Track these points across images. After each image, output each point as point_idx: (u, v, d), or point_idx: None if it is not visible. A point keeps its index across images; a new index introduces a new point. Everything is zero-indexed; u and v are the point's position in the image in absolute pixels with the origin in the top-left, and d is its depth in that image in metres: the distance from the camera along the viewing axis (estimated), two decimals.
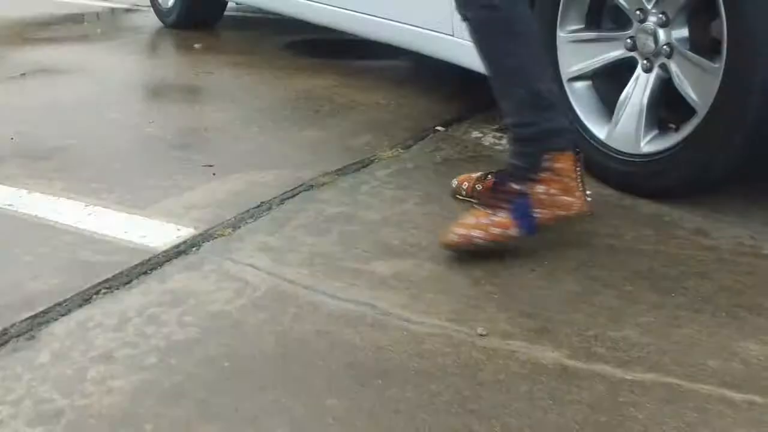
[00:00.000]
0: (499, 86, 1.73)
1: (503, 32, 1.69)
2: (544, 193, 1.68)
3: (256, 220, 1.83)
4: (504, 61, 1.71)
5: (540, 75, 1.71)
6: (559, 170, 1.69)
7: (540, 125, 1.70)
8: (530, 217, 1.67)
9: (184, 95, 2.96)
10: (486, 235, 1.66)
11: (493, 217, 1.67)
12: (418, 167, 2.17)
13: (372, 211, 1.88)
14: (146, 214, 1.86)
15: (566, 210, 1.70)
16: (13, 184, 2.04)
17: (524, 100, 1.70)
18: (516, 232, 1.67)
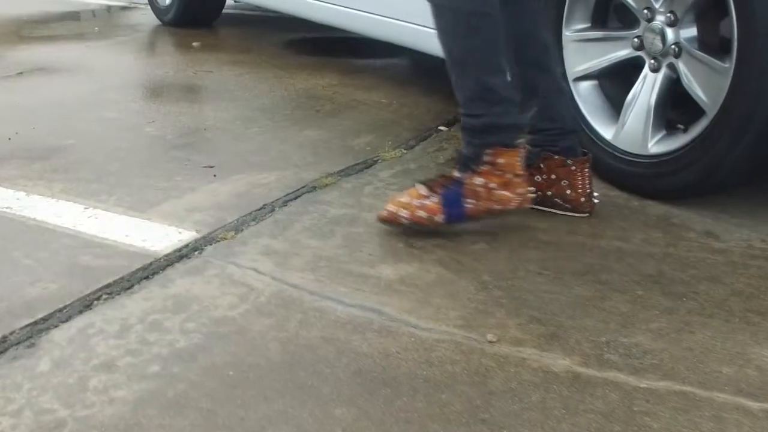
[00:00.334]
0: (454, 75, 1.74)
1: (462, 23, 1.70)
2: (481, 185, 1.72)
3: (259, 222, 1.80)
4: (459, 52, 1.72)
5: (495, 69, 1.71)
6: (500, 165, 1.71)
7: (487, 119, 1.71)
8: (459, 207, 1.72)
9: (183, 94, 2.93)
10: (411, 216, 1.72)
11: (424, 201, 1.72)
12: (422, 168, 2.14)
13: (376, 213, 1.85)
14: (147, 217, 1.83)
15: (503, 204, 1.73)
16: (12, 186, 2.01)
17: (475, 93, 1.72)
18: (441, 219, 1.72)
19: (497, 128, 1.72)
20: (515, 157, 1.73)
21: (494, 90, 1.71)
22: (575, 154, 1.85)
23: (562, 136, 1.85)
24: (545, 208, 1.87)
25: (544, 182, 1.86)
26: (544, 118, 1.84)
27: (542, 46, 1.84)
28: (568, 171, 1.84)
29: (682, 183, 1.88)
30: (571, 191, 1.85)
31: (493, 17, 1.71)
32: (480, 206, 1.73)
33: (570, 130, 1.86)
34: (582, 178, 1.85)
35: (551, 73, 1.84)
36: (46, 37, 4.00)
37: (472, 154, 1.73)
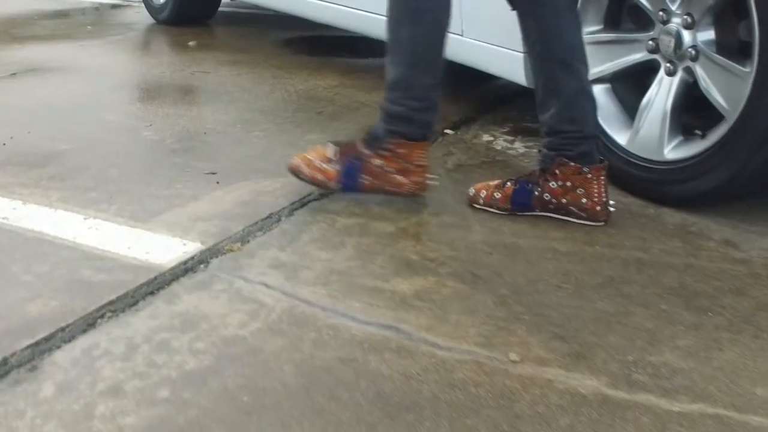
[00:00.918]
0: (389, 58, 1.83)
1: (407, 17, 1.77)
2: (379, 167, 1.83)
3: (266, 233, 1.74)
4: (397, 41, 1.80)
5: (425, 68, 1.79)
6: (401, 154, 1.83)
7: (403, 110, 1.80)
8: (355, 180, 1.85)
9: (181, 96, 2.87)
10: (310, 174, 1.87)
11: (326, 164, 1.86)
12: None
13: (386, 223, 1.79)
14: (149, 228, 1.76)
15: (395, 188, 1.86)
16: (8, 195, 1.94)
17: (399, 81, 1.80)
18: (335, 185, 1.87)
19: (409, 121, 1.82)
20: (418, 150, 1.84)
21: (418, 87, 1.80)
22: (592, 161, 1.80)
23: (581, 140, 1.79)
24: (560, 215, 1.82)
25: (559, 189, 1.81)
26: (563, 119, 1.80)
27: (567, 45, 1.78)
28: (584, 179, 1.79)
29: (700, 190, 1.83)
30: (586, 200, 1.80)
31: (438, 19, 1.78)
32: (374, 184, 1.86)
33: (589, 135, 1.80)
34: (598, 187, 1.80)
35: (576, 74, 1.78)
36: (39, 36, 3.92)
37: (379, 135, 1.84)
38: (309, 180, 1.88)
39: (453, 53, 2.50)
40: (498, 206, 1.85)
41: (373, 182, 1.85)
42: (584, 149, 1.81)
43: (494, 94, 2.93)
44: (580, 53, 1.80)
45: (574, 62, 1.79)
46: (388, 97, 1.83)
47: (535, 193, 1.83)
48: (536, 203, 1.83)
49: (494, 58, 2.31)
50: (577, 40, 1.81)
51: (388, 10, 1.80)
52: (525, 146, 2.31)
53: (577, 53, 1.80)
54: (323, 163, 1.87)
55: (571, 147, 1.80)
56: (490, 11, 2.31)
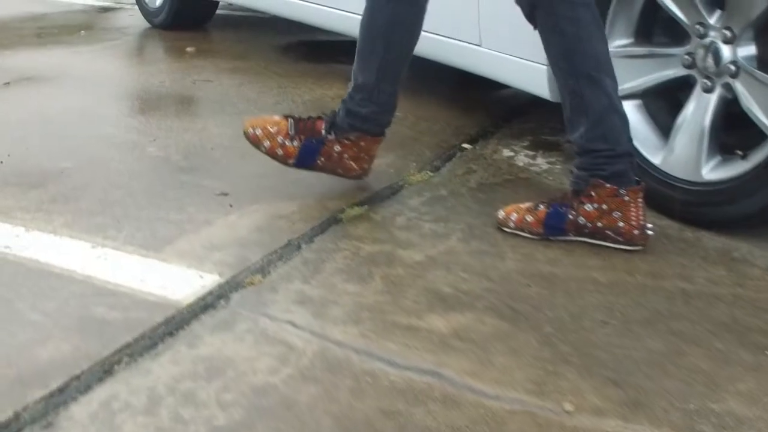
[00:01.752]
0: (357, 62, 1.93)
1: (379, 35, 1.87)
2: (338, 153, 1.94)
3: (287, 263, 1.64)
4: (367, 52, 1.90)
5: (390, 78, 1.90)
6: (362, 147, 1.94)
7: (366, 110, 1.92)
8: (312, 159, 1.94)
9: (183, 107, 2.75)
10: (270, 149, 1.95)
11: (286, 141, 1.94)
12: (453, 194, 1.99)
13: (413, 250, 1.70)
14: (162, 258, 1.66)
15: (346, 172, 1.97)
16: (8, 220, 1.83)
17: (364, 86, 1.91)
18: (293, 162, 1.95)
19: (371, 120, 1.93)
20: (376, 144, 1.97)
21: (380, 93, 1.91)
22: (629, 182, 1.71)
23: (614, 159, 1.70)
24: (596, 240, 1.73)
25: (594, 212, 1.71)
26: (594, 138, 1.71)
27: (593, 60, 1.70)
28: (620, 201, 1.70)
29: (741, 213, 1.75)
30: (624, 223, 1.71)
31: (411, 37, 1.89)
32: (327, 165, 1.96)
33: (623, 153, 1.71)
34: (636, 210, 1.71)
35: (603, 89, 1.70)
36: (31, 41, 3.79)
37: (342, 125, 1.93)
38: (268, 153, 1.96)
39: (470, 64, 2.42)
40: (529, 230, 1.76)
41: (326, 163, 1.95)
42: (618, 168, 1.72)
43: (508, 104, 2.84)
44: (607, 67, 1.72)
45: (601, 77, 1.70)
46: (352, 96, 1.94)
47: (569, 216, 1.74)
48: (570, 227, 1.74)
49: (515, 70, 2.21)
50: (604, 54, 1.72)
51: (361, 25, 1.90)
52: (547, 162, 2.22)
53: (604, 67, 1.71)
54: (284, 139, 1.94)
55: (605, 166, 1.72)
56: (511, 19, 2.20)
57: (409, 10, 1.88)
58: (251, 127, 1.96)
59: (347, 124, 1.94)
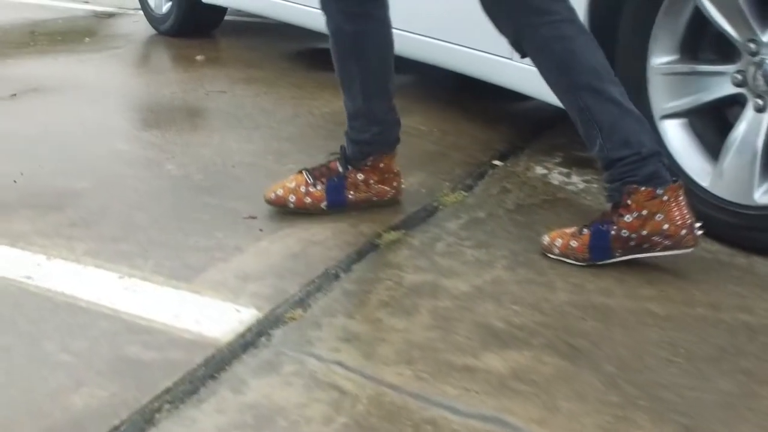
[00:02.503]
0: (342, 92, 1.91)
1: (350, 53, 1.85)
2: (362, 180, 1.91)
3: (326, 294, 1.56)
4: (346, 77, 1.88)
5: (377, 96, 1.88)
6: (380, 168, 1.92)
7: (367, 135, 1.89)
8: (342, 196, 1.91)
9: (198, 120, 2.66)
10: (299, 201, 1.89)
11: (310, 188, 1.90)
12: (491, 216, 1.92)
13: (458, 280, 1.62)
14: (194, 289, 1.57)
15: (380, 196, 1.94)
16: (28, 247, 1.74)
17: (358, 112, 1.89)
18: (325, 206, 1.90)
19: (376, 143, 1.90)
20: (393, 159, 1.93)
21: (375, 114, 1.88)
22: (664, 182, 1.62)
23: (642, 162, 1.62)
24: (644, 254, 1.64)
25: (636, 221, 1.62)
26: (615, 146, 1.63)
27: (591, 70, 1.64)
28: (660, 203, 1.61)
29: None
30: (668, 225, 1.61)
31: (380, 49, 1.85)
32: (359, 197, 1.92)
33: (648, 154, 1.62)
34: (678, 209, 1.62)
35: (608, 96, 1.63)
36: (35, 49, 3.68)
37: (354, 156, 1.91)
38: (297, 207, 1.90)
39: (501, 78, 2.34)
40: (575, 256, 1.68)
41: (357, 195, 1.92)
42: (650, 170, 1.62)
43: (534, 117, 2.76)
44: (608, 74, 1.65)
45: (603, 86, 1.64)
46: (351, 126, 1.91)
47: (612, 232, 1.65)
48: (615, 243, 1.65)
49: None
50: (600, 62, 1.66)
51: (331, 51, 1.88)
52: (583, 180, 2.15)
53: (604, 75, 1.65)
54: (307, 187, 1.90)
55: (635, 172, 1.63)
56: None
57: (369, 26, 1.84)
58: (271, 192, 1.91)
59: (358, 153, 1.91)
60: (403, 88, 2.99)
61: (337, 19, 1.85)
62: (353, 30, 1.84)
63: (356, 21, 1.84)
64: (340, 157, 1.95)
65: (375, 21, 1.86)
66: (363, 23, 1.84)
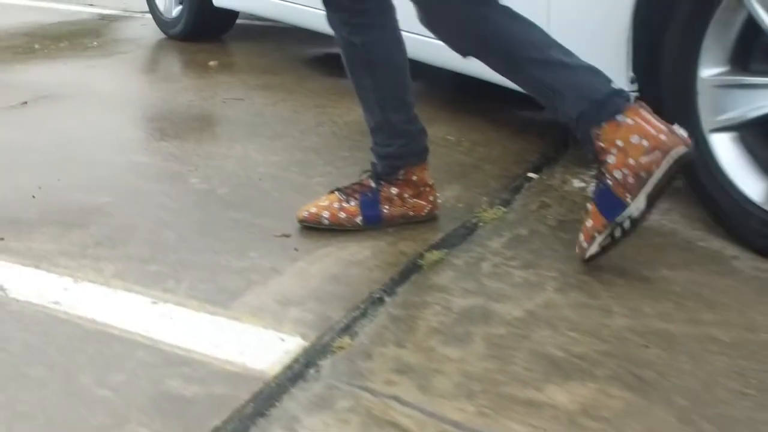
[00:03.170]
0: (361, 107, 1.86)
1: (361, 66, 1.80)
2: (396, 195, 1.85)
3: (373, 320, 1.48)
4: (361, 90, 1.83)
5: (396, 108, 1.81)
6: (413, 181, 1.86)
7: (392, 149, 1.83)
8: (376, 211, 1.85)
9: (218, 129, 2.58)
10: (333, 217, 1.84)
11: (344, 204, 1.85)
12: (534, 234, 1.84)
13: (509, 304, 1.54)
14: (233, 315, 1.49)
15: (416, 211, 1.87)
16: (53, 268, 1.65)
17: (378, 126, 1.84)
18: (361, 221, 1.84)
19: (402, 156, 1.84)
20: (425, 171, 1.87)
21: (395, 126, 1.82)
22: (621, 108, 1.59)
23: (602, 106, 1.60)
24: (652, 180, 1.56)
25: (618, 157, 1.58)
26: (573, 104, 1.63)
27: (528, 44, 1.66)
28: (627, 128, 1.57)
29: None
30: (648, 141, 1.56)
31: (392, 61, 1.79)
32: (395, 211, 1.86)
33: (606, 96, 1.60)
34: (647, 122, 1.58)
35: (553, 61, 1.64)
36: (42, 54, 3.60)
37: (385, 171, 1.86)
38: (332, 223, 1.84)
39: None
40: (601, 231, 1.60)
41: (392, 210, 1.86)
42: (609, 110, 1.59)
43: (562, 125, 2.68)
44: (544, 41, 1.68)
45: (544, 55, 1.66)
46: (375, 141, 1.87)
47: (610, 183, 1.58)
48: (618, 190, 1.58)
49: None
50: (534, 34, 1.68)
51: (344, 65, 1.84)
52: None
53: (542, 43, 1.68)
54: (340, 203, 1.85)
55: (595, 119, 1.60)
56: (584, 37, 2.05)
57: (375, 36, 1.78)
58: (303, 210, 1.85)
59: (388, 167, 1.86)
60: (423, 95, 2.92)
61: (342, 32, 1.80)
62: (360, 41, 1.78)
63: (362, 32, 1.78)
64: (371, 174, 1.88)
65: (380, 30, 1.80)
66: (369, 34, 1.78)
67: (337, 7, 1.78)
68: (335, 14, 1.79)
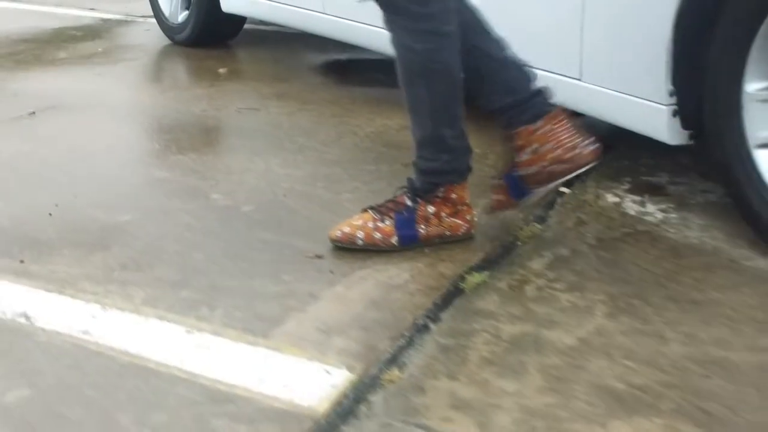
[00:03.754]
0: (410, 118, 1.79)
1: (418, 75, 1.72)
2: (433, 213, 1.78)
3: (421, 350, 1.41)
4: (414, 100, 1.76)
5: (447, 121, 1.75)
6: (452, 199, 1.80)
7: (437, 164, 1.77)
8: (412, 230, 1.77)
9: (235, 141, 2.50)
10: (367, 237, 1.76)
11: (378, 223, 1.77)
12: (576, 254, 1.77)
13: (560, 331, 1.48)
14: (274, 345, 1.42)
15: (453, 231, 1.80)
16: (78, 295, 1.58)
17: (426, 139, 1.77)
18: (396, 241, 1.76)
19: (448, 172, 1.78)
20: (466, 189, 1.82)
21: (444, 140, 1.75)
22: (541, 114, 1.73)
23: (524, 105, 1.74)
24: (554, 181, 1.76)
25: (531, 158, 1.74)
26: (500, 96, 1.75)
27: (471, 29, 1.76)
28: (542, 135, 1.73)
29: None
30: (560, 151, 1.73)
31: (449, 71, 1.72)
32: (431, 231, 1.79)
33: (529, 96, 1.74)
34: (564, 132, 1.73)
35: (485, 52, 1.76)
36: (46, 60, 3.51)
37: (423, 187, 1.79)
38: (367, 244, 1.76)
39: (569, 100, 2.19)
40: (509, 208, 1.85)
41: (429, 230, 1.79)
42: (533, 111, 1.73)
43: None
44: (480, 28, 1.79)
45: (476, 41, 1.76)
46: (420, 155, 1.80)
47: (521, 173, 1.77)
48: (527, 181, 1.77)
49: (624, 109, 2.00)
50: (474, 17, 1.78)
51: (398, 73, 1.76)
52: (659, 210, 2.01)
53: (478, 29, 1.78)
54: (375, 223, 1.78)
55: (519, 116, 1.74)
56: (623, 50, 1.99)
57: (440, 44, 1.70)
58: (336, 230, 1.78)
59: (428, 184, 1.79)
60: None
61: (403, 37, 1.71)
62: (423, 48, 1.69)
63: (427, 39, 1.70)
64: (407, 190, 1.81)
65: (446, 37, 1.72)
66: (432, 41, 1.70)
67: (397, 11, 1.69)
68: (396, 18, 1.69)
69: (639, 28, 1.95)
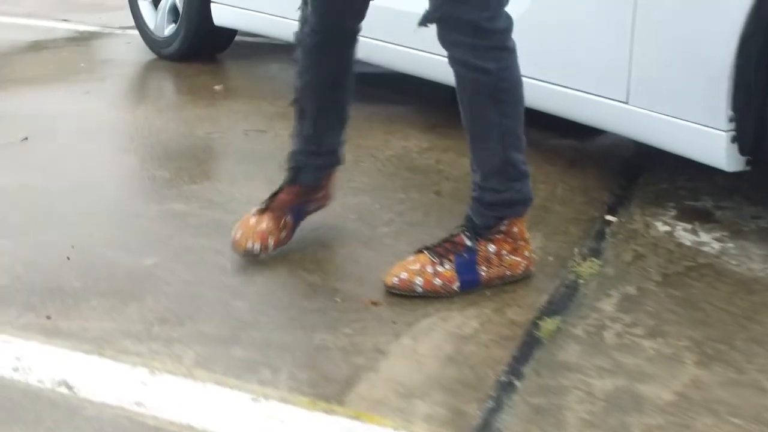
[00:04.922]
0: (475, 146, 1.67)
1: (488, 97, 1.61)
2: (494, 253, 1.68)
3: (514, 414, 1.29)
4: (485, 126, 1.64)
5: (517, 144, 1.65)
6: (513, 234, 1.69)
7: (507, 195, 1.67)
8: (474, 274, 1.67)
9: (251, 169, 2.33)
10: (427, 284, 1.64)
11: (438, 267, 1.65)
12: (644, 292, 1.68)
13: (654, 385, 1.37)
14: (351, 414, 1.28)
15: (513, 270, 1.70)
16: (120, 356, 1.42)
17: (495, 167, 1.65)
18: (458, 287, 1.65)
19: (514, 203, 1.68)
20: (524, 224, 1.72)
21: (516, 165, 1.65)
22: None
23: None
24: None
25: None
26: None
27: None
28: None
29: None
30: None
31: (518, 92, 1.63)
32: (492, 273, 1.68)
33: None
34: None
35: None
36: (30, 78, 3.27)
37: (484, 225, 1.68)
38: (426, 291, 1.63)
39: (614, 125, 2.11)
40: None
41: (490, 272, 1.68)
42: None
43: (619, 156, 2.51)
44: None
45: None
46: (488, 187, 1.66)
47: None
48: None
49: (679, 135, 1.91)
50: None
51: (463, 98, 1.64)
52: (714, 239, 1.92)
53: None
54: (433, 267, 1.64)
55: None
56: (677, 74, 1.90)
57: (511, 62, 1.59)
58: (393, 276, 1.64)
59: (493, 219, 1.67)
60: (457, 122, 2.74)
61: (473, 59, 1.56)
62: (496, 68, 1.56)
63: (498, 57, 1.57)
64: (465, 228, 1.69)
65: (514, 53, 1.61)
66: (504, 58, 1.58)
67: (465, 31, 1.54)
68: (463, 38, 1.55)
69: (697, 53, 1.86)
